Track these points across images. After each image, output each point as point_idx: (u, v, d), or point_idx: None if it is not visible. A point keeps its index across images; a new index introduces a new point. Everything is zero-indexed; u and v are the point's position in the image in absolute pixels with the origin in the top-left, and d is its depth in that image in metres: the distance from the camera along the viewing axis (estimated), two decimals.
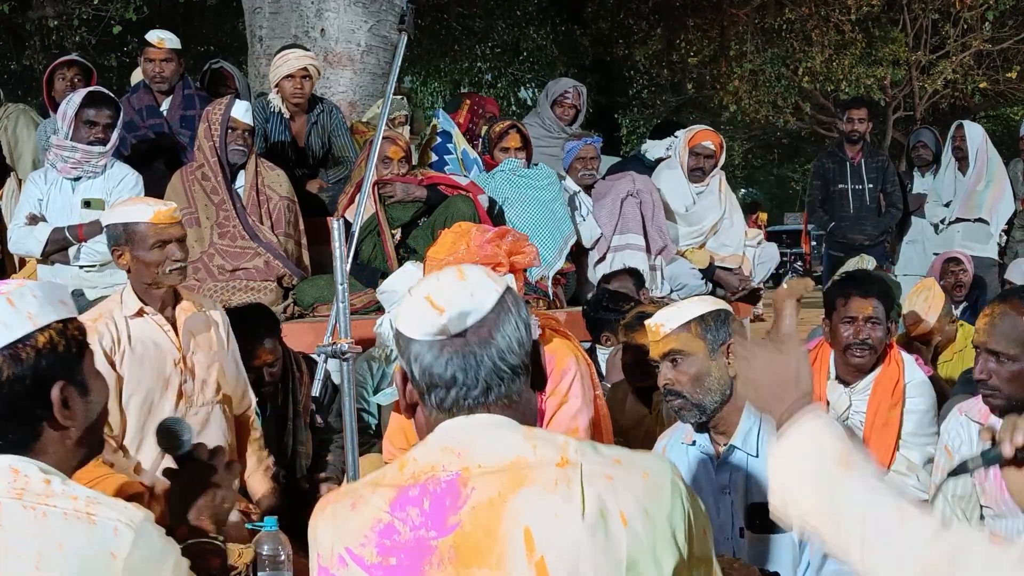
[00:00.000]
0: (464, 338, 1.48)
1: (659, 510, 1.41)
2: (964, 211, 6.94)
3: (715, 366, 2.57)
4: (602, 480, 1.40)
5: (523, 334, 1.52)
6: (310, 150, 5.70)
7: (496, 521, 1.38)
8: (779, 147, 21.12)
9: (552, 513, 1.38)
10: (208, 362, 3.17)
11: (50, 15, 10.56)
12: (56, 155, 4.59)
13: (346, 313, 2.52)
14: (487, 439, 1.45)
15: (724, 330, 2.59)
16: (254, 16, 6.83)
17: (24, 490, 1.48)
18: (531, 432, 1.47)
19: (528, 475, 1.41)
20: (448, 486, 1.42)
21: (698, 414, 2.60)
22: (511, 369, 1.49)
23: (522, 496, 1.39)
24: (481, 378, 1.48)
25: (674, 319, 2.60)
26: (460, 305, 1.48)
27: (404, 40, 3.13)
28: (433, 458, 1.45)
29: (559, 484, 1.39)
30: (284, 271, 4.81)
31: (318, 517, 1.51)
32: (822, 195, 7.29)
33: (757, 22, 13.21)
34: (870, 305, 3.44)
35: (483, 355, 1.48)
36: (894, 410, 3.46)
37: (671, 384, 2.59)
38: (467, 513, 1.39)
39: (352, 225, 3.31)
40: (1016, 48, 13.33)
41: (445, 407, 1.50)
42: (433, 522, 1.40)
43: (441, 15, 13.80)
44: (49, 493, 1.49)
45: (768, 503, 1.54)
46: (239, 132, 4.80)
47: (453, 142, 5.95)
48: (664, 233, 5.64)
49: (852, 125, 7.17)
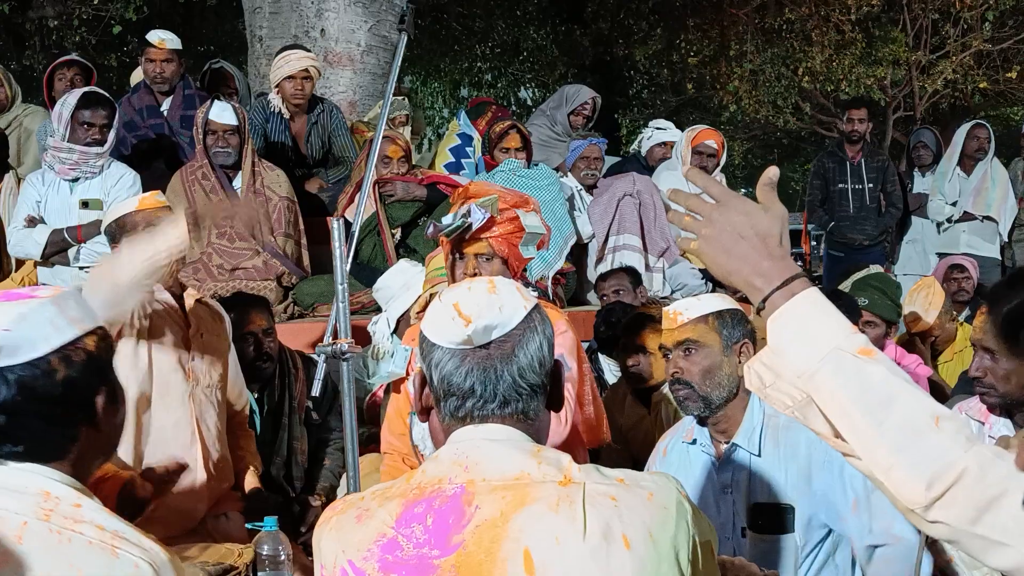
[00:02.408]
0: (487, 351, 1.48)
1: (663, 532, 1.39)
2: (974, 207, 6.93)
3: (727, 362, 2.58)
4: (606, 501, 1.39)
5: (545, 353, 1.52)
6: (310, 150, 5.70)
7: (497, 543, 1.37)
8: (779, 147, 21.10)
9: (553, 535, 1.36)
10: (214, 345, 3.18)
11: (50, 15, 10.56)
12: (53, 156, 4.58)
13: (346, 313, 2.51)
14: (494, 452, 1.45)
15: (739, 329, 2.60)
16: (254, 16, 6.83)
17: (53, 511, 1.47)
18: (538, 450, 1.47)
19: (531, 493, 1.40)
20: (452, 502, 1.41)
21: (703, 407, 2.59)
22: (530, 387, 1.50)
23: (524, 515, 1.38)
24: (500, 392, 1.48)
25: (693, 309, 2.61)
26: (487, 318, 1.48)
27: (404, 40, 3.13)
28: (442, 471, 1.45)
29: (561, 504, 1.38)
30: (283, 270, 4.81)
31: (323, 527, 1.51)
32: (822, 195, 7.29)
33: (757, 22, 13.20)
34: None
35: (504, 370, 1.48)
36: None
37: (680, 373, 2.59)
38: (470, 533, 1.39)
39: (352, 225, 3.31)
40: (1016, 48, 13.31)
41: (459, 416, 1.50)
42: (436, 540, 1.40)
43: (441, 15, 13.80)
44: (78, 518, 1.48)
45: (772, 503, 1.52)
46: (219, 134, 4.80)
47: (472, 146, 5.96)
48: (666, 234, 5.64)
49: (852, 125, 7.17)
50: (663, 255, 5.62)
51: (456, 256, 2.92)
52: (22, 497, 1.47)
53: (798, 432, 2.56)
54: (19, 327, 1.51)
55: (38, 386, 1.50)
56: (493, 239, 2.87)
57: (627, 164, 6.72)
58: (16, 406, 1.50)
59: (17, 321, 1.51)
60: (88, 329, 1.58)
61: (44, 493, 1.48)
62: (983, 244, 6.92)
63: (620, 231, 5.60)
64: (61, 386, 1.52)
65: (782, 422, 2.59)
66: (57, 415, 1.53)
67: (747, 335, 2.62)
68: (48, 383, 1.51)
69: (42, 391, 1.51)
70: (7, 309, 1.53)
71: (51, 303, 1.56)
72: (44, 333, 1.52)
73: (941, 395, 4.22)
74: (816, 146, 19.82)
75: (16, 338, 1.50)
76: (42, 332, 1.52)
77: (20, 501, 1.47)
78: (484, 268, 2.90)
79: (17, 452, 1.51)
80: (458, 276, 2.91)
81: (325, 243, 4.77)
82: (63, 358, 1.53)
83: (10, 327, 1.51)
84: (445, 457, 1.48)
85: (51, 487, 1.50)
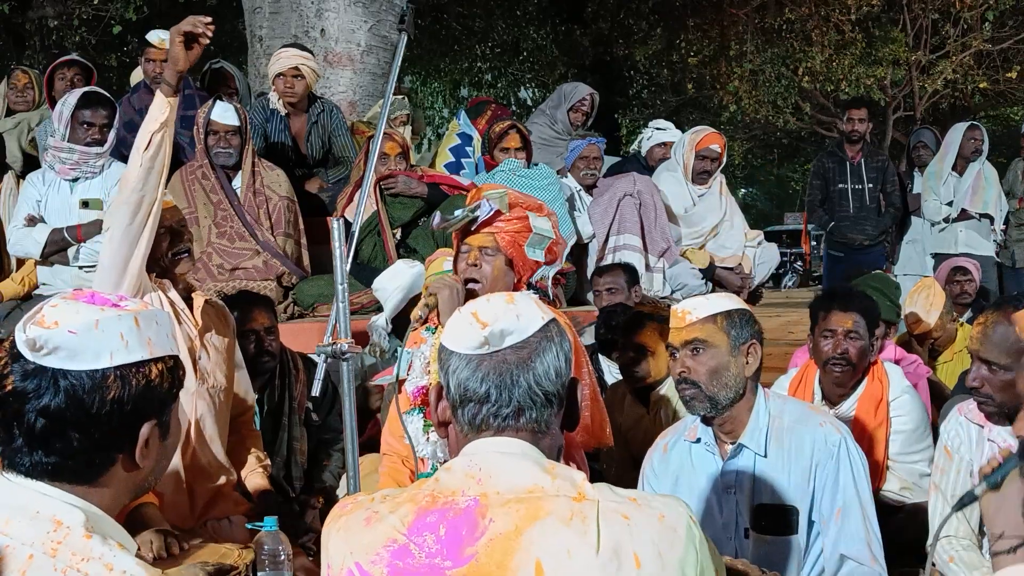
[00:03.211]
0: (503, 356, 1.49)
1: (672, 554, 1.40)
2: (971, 205, 6.93)
3: (734, 363, 2.55)
4: (618, 519, 1.39)
5: (562, 365, 1.52)
6: (310, 150, 5.70)
7: (509, 555, 1.38)
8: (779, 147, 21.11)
9: (565, 548, 1.37)
10: (221, 346, 3.19)
11: (50, 15, 10.56)
12: (54, 156, 4.58)
13: (346, 313, 2.51)
14: (507, 466, 1.45)
15: (747, 330, 2.58)
16: (254, 16, 6.83)
17: (61, 544, 1.37)
18: (552, 466, 1.47)
19: (544, 506, 1.40)
20: (466, 514, 1.41)
21: (709, 407, 2.57)
22: (545, 395, 1.50)
23: (537, 529, 1.38)
24: (515, 398, 1.49)
25: (702, 308, 2.59)
26: (504, 323, 1.50)
27: (404, 40, 3.12)
28: (455, 482, 1.45)
29: (574, 519, 1.39)
30: (283, 269, 4.81)
31: (331, 526, 1.51)
32: (822, 194, 7.29)
33: (757, 22, 13.21)
34: (850, 319, 3.42)
35: (520, 376, 1.49)
36: (879, 429, 3.44)
37: (687, 373, 2.57)
38: (483, 545, 1.39)
39: (352, 225, 3.31)
40: (1016, 48, 13.32)
41: (475, 424, 1.50)
42: (449, 551, 1.40)
43: (441, 15, 13.80)
44: (85, 554, 1.38)
45: (776, 504, 1.52)
46: (221, 134, 4.81)
47: (472, 146, 5.96)
48: (667, 235, 5.64)
49: (852, 125, 7.17)
50: (663, 255, 5.61)
51: (462, 249, 2.92)
52: (33, 524, 1.39)
53: (803, 433, 2.56)
54: (87, 333, 1.43)
55: (86, 399, 1.42)
56: (499, 235, 2.86)
57: (627, 164, 6.72)
58: (59, 413, 1.42)
59: (87, 327, 1.44)
60: (158, 355, 1.49)
61: (56, 522, 1.40)
62: (980, 243, 6.93)
63: (620, 231, 5.60)
64: (109, 406, 1.43)
65: (787, 423, 2.58)
66: (96, 436, 1.44)
67: (755, 335, 2.60)
68: (96, 398, 1.43)
69: (88, 405, 1.42)
70: (83, 312, 1.46)
71: (131, 316, 1.48)
72: (111, 346, 1.45)
73: (940, 395, 4.21)
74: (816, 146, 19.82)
75: (80, 343, 1.43)
76: (109, 345, 1.45)
77: (31, 528, 1.39)
78: (486, 262, 2.87)
79: (46, 464, 1.43)
80: (460, 268, 2.90)
81: (325, 243, 4.77)
82: (121, 377, 1.44)
83: (77, 331, 1.43)
84: (458, 469, 1.48)
85: (64, 515, 1.41)
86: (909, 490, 3.44)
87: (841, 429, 2.60)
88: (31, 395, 1.42)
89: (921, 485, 3.42)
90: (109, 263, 2.90)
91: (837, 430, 2.58)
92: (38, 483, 1.44)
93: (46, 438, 1.43)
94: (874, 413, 3.44)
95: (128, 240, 2.87)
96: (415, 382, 2.92)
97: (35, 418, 1.42)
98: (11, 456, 1.45)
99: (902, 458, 3.47)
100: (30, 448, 1.44)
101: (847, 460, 2.53)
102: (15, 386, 1.43)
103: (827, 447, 2.53)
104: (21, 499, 1.42)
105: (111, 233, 2.90)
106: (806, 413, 2.66)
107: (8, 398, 1.43)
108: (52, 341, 1.42)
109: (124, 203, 2.87)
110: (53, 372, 1.42)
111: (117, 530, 1.48)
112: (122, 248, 2.88)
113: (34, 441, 1.43)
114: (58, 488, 1.44)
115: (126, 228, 2.86)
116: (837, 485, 2.50)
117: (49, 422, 1.42)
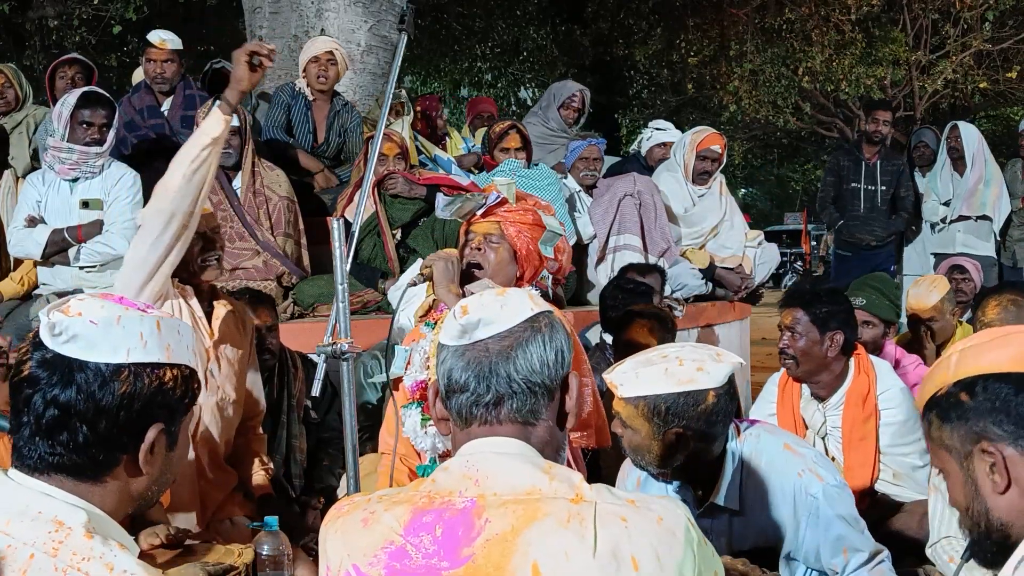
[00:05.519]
0: (485, 346, 1.50)
1: (670, 557, 1.39)
2: (968, 209, 6.94)
3: (657, 444, 2.37)
4: (616, 521, 1.39)
5: (549, 357, 1.51)
6: (329, 138, 5.83)
7: (507, 557, 1.37)
8: (779, 147, 21.10)
9: (562, 551, 1.36)
10: (235, 357, 3.18)
11: (50, 15, 10.57)
12: (53, 156, 4.58)
13: (346, 313, 2.51)
14: (504, 466, 1.45)
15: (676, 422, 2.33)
16: (254, 16, 6.83)
17: (62, 544, 1.37)
18: (549, 466, 1.47)
19: (541, 508, 1.40)
20: (463, 515, 1.41)
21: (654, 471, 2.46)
22: (528, 385, 1.49)
23: (534, 530, 1.38)
24: (493, 387, 1.48)
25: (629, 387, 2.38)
26: (485, 313, 1.50)
27: (404, 40, 3.12)
28: (452, 483, 1.45)
29: (572, 521, 1.38)
30: (283, 269, 4.81)
31: (328, 527, 1.51)
32: (835, 192, 7.29)
33: (757, 22, 13.20)
34: (790, 315, 3.43)
35: (499, 365, 1.49)
36: (868, 423, 3.44)
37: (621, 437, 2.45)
38: (480, 546, 1.38)
39: (352, 225, 3.31)
40: (1016, 48, 13.31)
41: (463, 416, 1.51)
42: (446, 552, 1.39)
43: (441, 15, 13.81)
44: (86, 554, 1.37)
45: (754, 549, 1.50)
46: None
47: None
48: (667, 235, 5.64)
49: (876, 126, 7.19)
50: (663, 255, 5.62)
51: (468, 236, 2.91)
52: (35, 524, 1.39)
53: (782, 484, 2.44)
54: (108, 327, 1.45)
55: (97, 391, 1.43)
56: (505, 223, 2.85)
57: (627, 164, 6.73)
58: (69, 404, 1.43)
59: (109, 321, 1.45)
60: (175, 362, 1.50)
61: (57, 522, 1.40)
62: (979, 243, 6.93)
63: (621, 231, 5.60)
64: (119, 400, 1.43)
65: (763, 467, 2.46)
66: (102, 430, 1.44)
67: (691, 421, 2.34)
68: (108, 392, 1.43)
69: (99, 397, 1.43)
70: (108, 307, 1.47)
71: (153, 320, 1.49)
72: (129, 344, 1.46)
73: None
74: (816, 146, 19.82)
75: (99, 335, 1.44)
76: (127, 342, 1.46)
77: (33, 529, 1.39)
78: (491, 249, 2.87)
79: (50, 459, 1.44)
80: (465, 254, 2.90)
81: (325, 243, 4.77)
82: (134, 374, 1.45)
83: (99, 322, 1.45)
84: (455, 469, 1.47)
85: (65, 515, 1.41)
86: (902, 479, 3.46)
87: (822, 475, 2.43)
88: (44, 382, 1.44)
89: (914, 477, 3.44)
90: (137, 264, 2.86)
91: (819, 477, 2.42)
92: (41, 483, 1.44)
93: (53, 429, 1.44)
94: (862, 407, 3.46)
95: (157, 249, 2.83)
96: (414, 376, 2.93)
97: (45, 407, 1.43)
98: (19, 449, 1.47)
99: (893, 450, 3.48)
100: (37, 439, 1.45)
101: (829, 510, 2.40)
102: (31, 372, 1.45)
103: (807, 500, 2.41)
104: (23, 500, 1.42)
105: (142, 235, 2.85)
106: (783, 457, 2.47)
107: (23, 383, 1.45)
108: (72, 328, 1.44)
109: (159, 212, 2.81)
110: (70, 363, 1.44)
111: (118, 531, 1.48)
112: (151, 255, 2.83)
113: (41, 431, 1.44)
114: (60, 488, 1.44)
115: (157, 237, 2.81)
116: (828, 536, 2.40)
117: (59, 412, 1.43)
